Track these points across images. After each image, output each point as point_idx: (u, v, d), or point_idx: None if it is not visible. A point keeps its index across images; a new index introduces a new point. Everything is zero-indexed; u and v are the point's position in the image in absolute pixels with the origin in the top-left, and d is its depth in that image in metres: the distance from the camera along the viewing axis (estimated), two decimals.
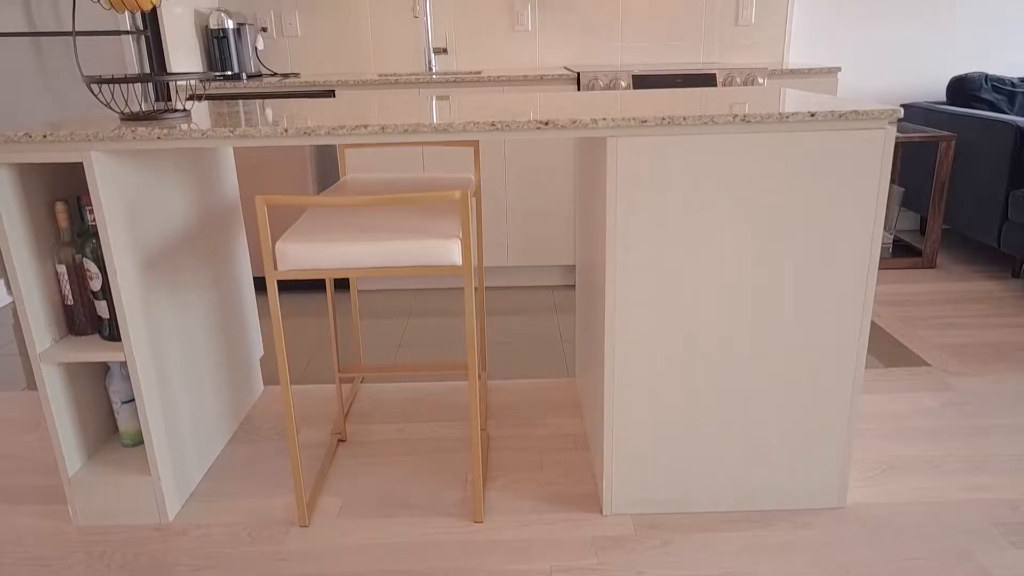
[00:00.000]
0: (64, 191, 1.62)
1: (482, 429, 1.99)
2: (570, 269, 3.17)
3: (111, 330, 1.58)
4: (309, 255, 1.43)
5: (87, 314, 1.60)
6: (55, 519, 1.67)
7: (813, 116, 1.36)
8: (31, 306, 1.51)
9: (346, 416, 2.09)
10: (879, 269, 3.25)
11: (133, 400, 1.69)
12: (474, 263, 2.17)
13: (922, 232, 3.74)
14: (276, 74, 3.26)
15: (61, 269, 1.55)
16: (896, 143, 3.36)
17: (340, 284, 3.22)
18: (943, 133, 3.11)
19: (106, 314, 1.57)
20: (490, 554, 1.52)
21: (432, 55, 3.30)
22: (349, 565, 1.50)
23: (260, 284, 3.11)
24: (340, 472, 1.82)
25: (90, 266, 1.53)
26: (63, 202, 1.52)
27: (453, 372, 2.13)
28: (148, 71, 2.75)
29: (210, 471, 1.84)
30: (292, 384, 2.30)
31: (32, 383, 2.36)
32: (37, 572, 1.50)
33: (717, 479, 1.62)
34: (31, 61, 2.63)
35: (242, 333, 2.08)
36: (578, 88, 2.86)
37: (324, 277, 1.47)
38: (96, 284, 1.54)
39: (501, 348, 2.53)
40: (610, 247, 1.44)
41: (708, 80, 2.83)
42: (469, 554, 1.52)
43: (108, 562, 1.53)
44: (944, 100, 3.60)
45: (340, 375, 1.97)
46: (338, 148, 2.12)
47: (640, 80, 2.83)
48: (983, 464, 1.78)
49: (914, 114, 3.52)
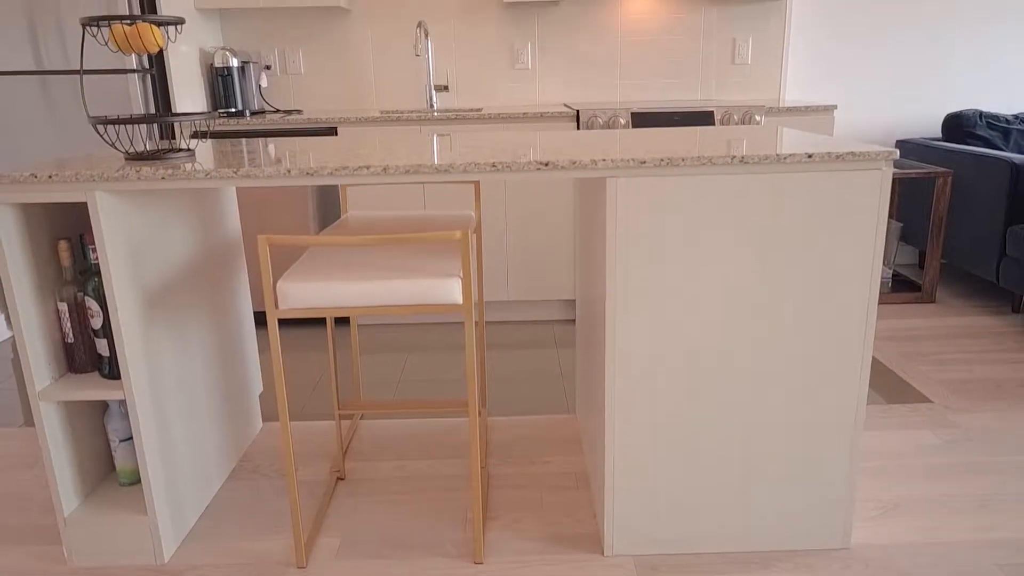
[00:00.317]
0: (67, 229, 1.63)
1: (482, 467, 1.97)
2: (570, 303, 3.17)
3: (111, 368, 1.57)
4: (310, 294, 1.43)
5: (87, 352, 1.60)
6: (49, 561, 1.64)
7: (811, 157, 1.38)
8: (31, 344, 1.51)
9: (345, 453, 2.08)
10: (878, 303, 3.25)
11: (131, 438, 1.68)
12: (475, 299, 2.17)
13: (921, 266, 3.75)
14: (279, 111, 3.30)
15: (62, 307, 1.55)
16: (893, 179, 3.38)
17: (340, 318, 3.22)
18: (940, 169, 3.13)
19: (106, 352, 1.57)
20: None
21: (433, 92, 3.35)
22: None
23: (260, 318, 3.11)
24: (339, 511, 1.80)
25: (91, 304, 1.53)
26: (66, 240, 1.53)
27: (453, 409, 2.12)
28: (153, 109, 2.79)
29: (207, 510, 1.82)
30: (291, 420, 2.29)
31: (30, 419, 2.35)
32: None
33: (719, 520, 1.60)
34: (38, 98, 2.66)
35: (242, 369, 2.08)
36: (577, 125, 2.89)
37: (326, 316, 1.47)
38: (97, 322, 1.55)
39: (501, 383, 2.52)
40: (610, 286, 1.45)
41: (706, 118, 2.86)
42: None
43: None
44: (939, 136, 3.64)
45: (340, 412, 1.96)
46: (340, 185, 2.14)
47: (639, 118, 2.87)
48: (987, 503, 1.77)
49: (910, 150, 3.55)
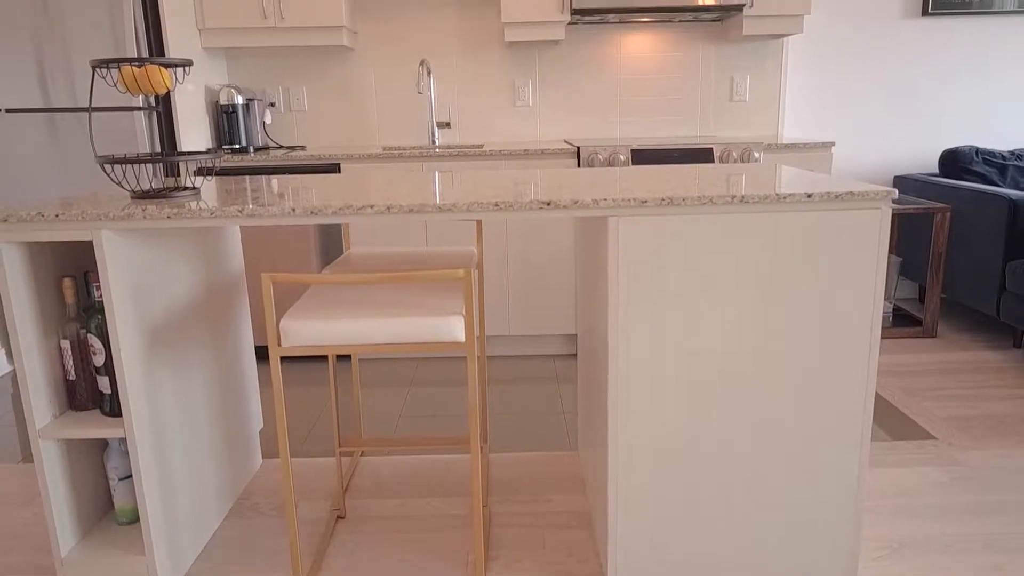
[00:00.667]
0: (71, 266, 1.64)
1: (484, 506, 1.95)
2: (571, 338, 3.17)
3: (112, 405, 1.57)
4: (313, 332, 1.44)
5: (88, 389, 1.60)
6: None
7: (810, 197, 1.39)
8: (33, 381, 1.51)
9: (345, 491, 2.06)
10: (880, 339, 3.25)
11: (130, 477, 1.67)
12: (476, 334, 2.18)
13: (921, 300, 3.75)
14: (283, 147, 3.34)
15: (65, 344, 1.55)
16: (892, 215, 3.41)
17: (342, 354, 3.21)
18: (938, 205, 3.16)
19: (108, 389, 1.56)
20: None
21: (435, 129, 3.39)
22: None
23: (261, 352, 3.11)
24: (339, 551, 1.78)
25: (94, 342, 1.53)
26: (71, 278, 1.54)
27: (455, 447, 2.11)
28: (159, 146, 2.82)
29: (205, 550, 1.80)
30: (291, 457, 2.28)
31: (29, 455, 2.34)
32: None
33: (724, 560, 1.58)
34: (45, 136, 2.69)
35: (242, 405, 2.07)
36: (578, 162, 2.92)
37: (328, 353, 1.47)
38: (99, 360, 1.55)
39: (503, 419, 2.51)
40: (612, 324, 1.45)
41: (705, 154, 2.89)
42: None
43: None
44: (936, 172, 3.68)
45: (340, 449, 1.95)
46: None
47: (639, 155, 2.90)
48: (994, 543, 1.75)
49: (908, 186, 3.58)
